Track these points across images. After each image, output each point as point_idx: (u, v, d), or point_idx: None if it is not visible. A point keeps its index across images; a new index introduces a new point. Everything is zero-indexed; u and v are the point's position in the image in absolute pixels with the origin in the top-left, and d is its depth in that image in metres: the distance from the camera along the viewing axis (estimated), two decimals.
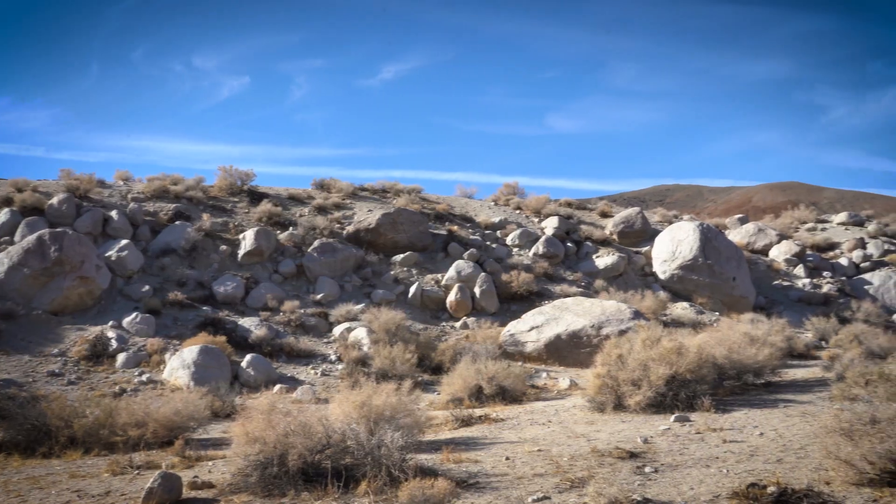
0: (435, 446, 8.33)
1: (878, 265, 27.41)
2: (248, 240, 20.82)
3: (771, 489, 5.80)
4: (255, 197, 24.50)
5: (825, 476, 6.38)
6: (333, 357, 16.41)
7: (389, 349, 14.61)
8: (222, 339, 15.32)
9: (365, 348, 15.96)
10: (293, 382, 14.79)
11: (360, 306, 18.86)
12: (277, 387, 14.04)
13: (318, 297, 19.51)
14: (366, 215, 23.65)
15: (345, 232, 22.69)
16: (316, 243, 21.28)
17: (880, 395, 6.90)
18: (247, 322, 17.38)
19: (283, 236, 21.76)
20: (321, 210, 24.30)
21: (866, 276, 26.42)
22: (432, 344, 16.77)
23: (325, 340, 17.59)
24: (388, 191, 27.83)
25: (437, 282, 21.04)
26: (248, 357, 14.98)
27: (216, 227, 21.54)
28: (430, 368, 15.41)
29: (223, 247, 20.77)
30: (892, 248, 29.32)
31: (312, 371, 15.60)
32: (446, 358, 15.35)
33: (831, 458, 6.36)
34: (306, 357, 16.47)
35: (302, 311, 18.55)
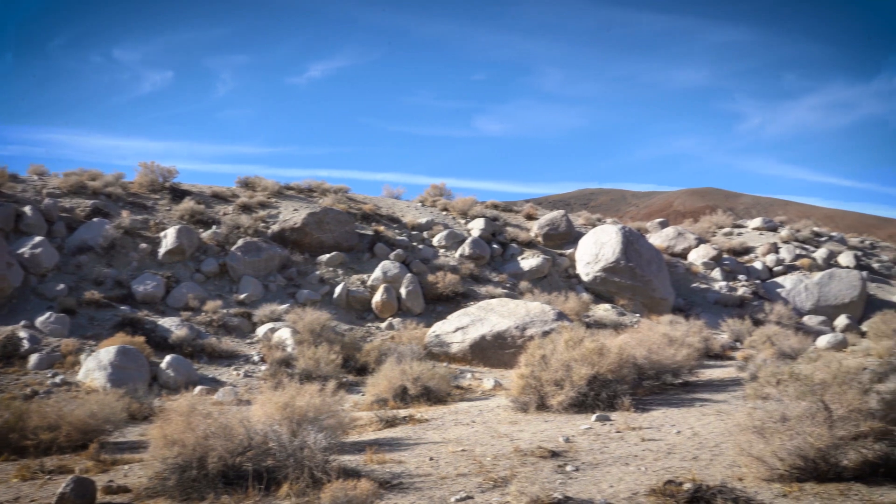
0: (359, 447, 8.30)
1: (790, 269, 28.48)
2: (169, 238, 20.32)
3: (687, 486, 5.96)
4: (178, 194, 23.93)
5: (738, 472, 6.59)
6: (256, 358, 16.16)
7: (314, 350, 14.48)
8: (141, 339, 14.91)
9: (289, 349, 15.77)
10: (215, 384, 14.51)
11: (284, 306, 18.64)
12: (198, 388, 13.76)
13: (242, 297, 19.20)
14: (291, 214, 23.39)
15: (270, 231, 22.39)
16: (240, 242, 20.92)
17: (790, 394, 7.14)
18: (167, 322, 16.98)
19: (205, 235, 21.33)
20: (246, 209, 23.91)
21: (779, 279, 27.39)
22: (357, 345, 16.68)
23: (249, 341, 17.32)
24: (314, 190, 27.55)
25: (363, 282, 20.94)
26: (168, 358, 14.62)
27: (136, 225, 20.96)
28: (355, 369, 15.33)
29: (143, 245, 20.23)
30: (803, 252, 30.48)
31: (235, 372, 15.34)
32: (371, 359, 15.29)
33: (744, 455, 6.57)
34: (229, 358, 16.18)
35: (225, 311, 18.22)
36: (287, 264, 21.32)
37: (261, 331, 17.46)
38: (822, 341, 18.37)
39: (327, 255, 21.75)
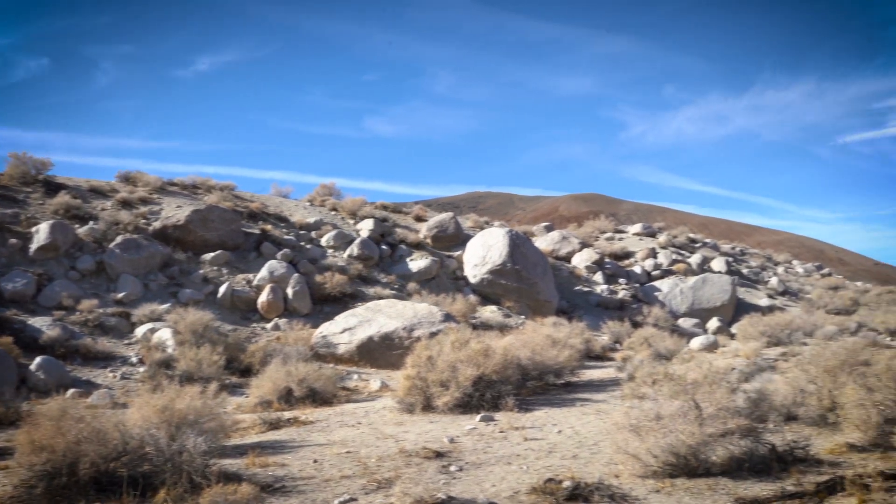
0: (241, 451, 8.13)
1: (666, 273, 29.69)
2: (41, 233, 19.31)
3: (566, 483, 6.13)
4: (52, 188, 22.75)
5: (615, 470, 6.82)
6: (135, 359, 15.57)
7: (196, 351, 14.06)
8: (8, 339, 14.11)
9: (169, 350, 15.27)
10: (89, 386, 13.89)
11: (165, 306, 18.03)
12: (71, 391, 13.13)
13: (120, 296, 18.46)
14: (174, 211, 22.67)
15: (151, 228, 21.62)
16: (119, 239, 20.10)
17: (665, 393, 7.45)
18: (38, 322, 16.12)
19: (82, 231, 20.39)
20: (126, 204, 22.99)
21: (656, 283, 28.51)
22: (242, 345, 16.31)
23: (127, 342, 16.66)
24: (199, 187, 26.79)
25: (249, 282, 20.51)
26: (39, 359, 13.89)
27: (5, 219, 19.81)
28: (239, 371, 14.99)
29: (12, 240, 19.15)
30: (679, 258, 31.85)
31: (111, 374, 14.73)
32: (256, 360, 14.99)
33: (621, 453, 6.81)
34: (105, 359, 15.52)
35: (101, 310, 17.46)
36: (169, 263, 20.65)
37: (140, 331, 16.84)
38: (696, 343, 19.17)
39: (212, 254, 21.19)
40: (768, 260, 40.24)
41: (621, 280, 28.40)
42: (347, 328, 16.93)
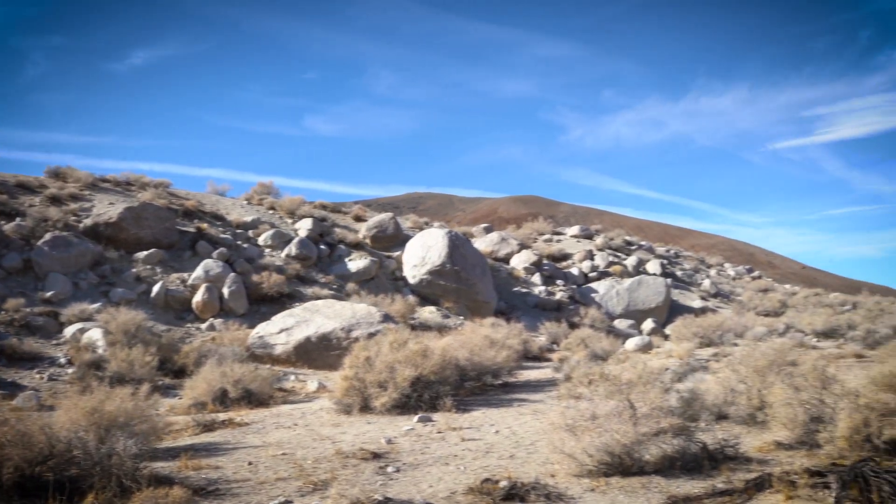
0: (174, 453, 7.96)
1: (603, 275, 30.12)
2: None
3: (503, 483, 6.16)
4: None
5: (551, 469, 6.88)
6: (63, 360, 15.12)
7: (128, 351, 13.72)
8: None
9: (100, 350, 14.87)
10: (14, 388, 13.42)
11: (96, 306, 17.56)
12: None
13: (48, 294, 17.91)
14: (107, 208, 22.11)
15: (82, 225, 21.04)
16: (47, 236, 19.51)
17: (600, 393, 7.55)
18: None
19: (8, 227, 19.73)
20: (55, 200, 22.33)
21: (593, 284, 28.90)
22: (176, 346, 15.98)
23: (55, 342, 16.17)
24: (132, 183, 26.19)
25: (184, 281, 20.12)
26: None
27: None
28: (173, 371, 14.68)
29: None
30: (616, 260, 32.35)
31: (38, 376, 14.27)
32: (190, 360, 14.69)
33: (557, 453, 6.88)
34: (31, 360, 15.02)
35: (28, 309, 16.91)
36: (100, 261, 20.12)
37: (69, 331, 16.36)
38: (631, 343, 19.50)
39: (145, 253, 20.72)
40: (701, 263, 41.17)
41: (559, 281, 28.70)
42: (285, 328, 16.73)
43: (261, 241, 24.13)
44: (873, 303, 33.62)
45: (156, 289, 19.31)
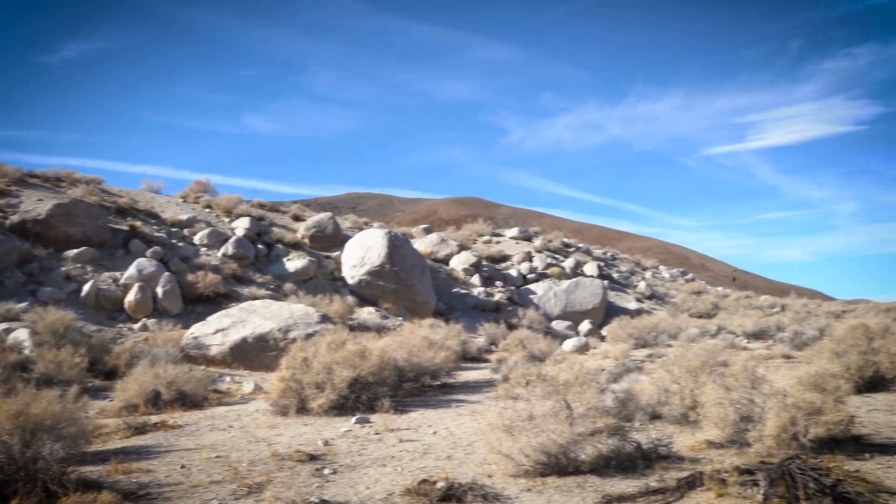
0: (103, 457, 7.75)
1: (541, 277, 30.41)
2: None
3: (440, 484, 6.15)
4: None
5: (488, 469, 6.90)
6: None
7: (56, 352, 13.30)
8: None
9: (26, 351, 14.39)
10: None
11: (22, 305, 17.01)
12: None
13: None
14: (35, 205, 21.44)
15: (8, 222, 20.37)
16: None
17: (538, 394, 7.60)
18: None
19: None
20: None
21: (532, 286, 29.16)
22: (107, 347, 15.58)
23: None
24: (63, 180, 25.44)
25: (116, 280, 19.63)
26: None
27: None
28: (103, 373, 14.30)
29: None
30: (554, 262, 32.69)
31: None
32: (122, 362, 14.34)
33: (494, 453, 6.90)
34: None
35: None
36: (27, 259, 19.50)
37: None
38: (568, 344, 19.72)
39: (75, 251, 20.16)
40: (637, 265, 41.91)
41: (498, 283, 28.88)
42: (220, 329, 16.46)
43: (196, 240, 23.70)
44: (801, 305, 34.73)
45: (86, 288, 18.80)
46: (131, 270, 19.78)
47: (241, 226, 25.25)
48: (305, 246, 26.16)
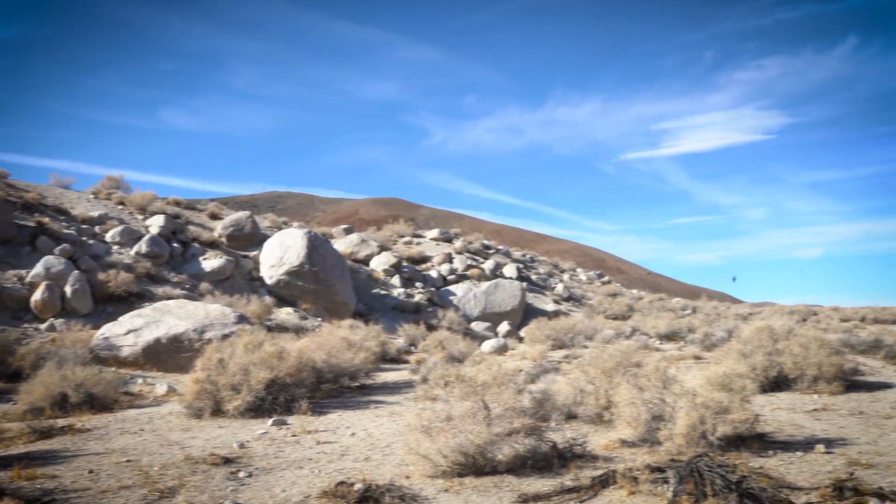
0: (5, 462, 7.44)
1: (461, 278, 30.60)
2: None
3: (357, 486, 6.12)
4: None
5: (406, 471, 6.92)
6: None
7: None
8: None
9: None
10: None
11: None
12: None
13: None
14: None
15: None
16: None
17: (456, 394, 7.67)
18: None
19: None
20: None
21: (452, 287, 29.30)
22: (10, 347, 14.95)
23: None
24: None
25: (21, 279, 18.87)
26: None
27: None
28: (7, 375, 13.71)
29: None
30: (474, 263, 32.92)
31: None
32: (27, 363, 13.78)
33: (412, 454, 6.92)
34: None
35: None
36: None
37: None
38: (487, 346, 19.88)
39: None
40: (555, 267, 42.59)
41: (418, 284, 28.92)
42: (133, 329, 15.99)
43: (108, 237, 22.99)
44: (711, 308, 35.88)
45: None
46: (38, 268, 19.05)
47: (155, 224, 24.59)
48: (223, 245, 25.68)
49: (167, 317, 16.27)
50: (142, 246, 22.64)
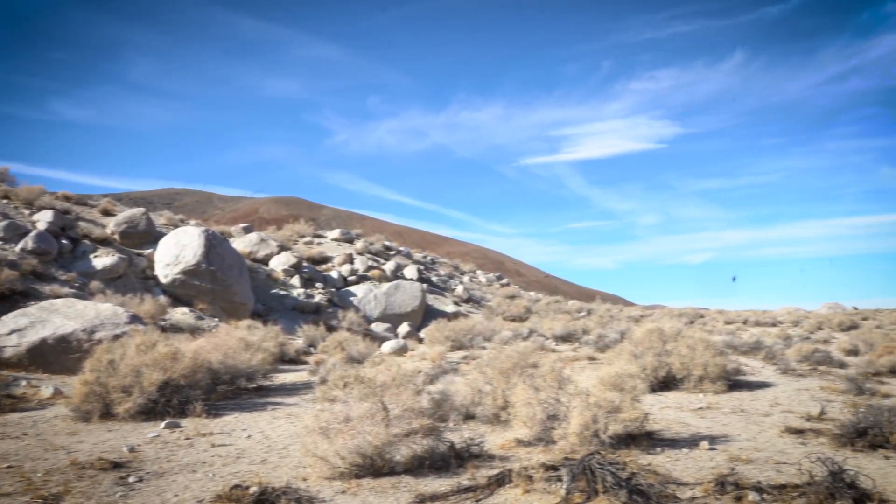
0: None
1: (362, 279, 30.53)
2: None
3: (253, 489, 6.05)
4: None
5: (304, 473, 6.87)
6: None
7: None
8: None
9: None
10: None
11: None
12: None
13: None
14: None
15: None
16: None
17: (355, 395, 7.67)
18: None
19: None
20: None
21: (352, 288, 29.19)
22: None
23: None
24: None
25: None
26: None
27: None
28: None
29: None
30: (375, 264, 32.89)
31: None
32: None
33: (310, 456, 6.89)
34: None
35: None
36: None
37: None
38: (387, 346, 19.90)
39: None
40: (456, 269, 42.98)
41: (318, 284, 28.68)
42: (16, 329, 15.28)
43: None
44: (605, 310, 36.95)
45: None
46: None
47: (43, 219, 23.54)
48: (115, 242, 24.81)
49: (54, 316, 15.62)
50: (28, 242, 21.64)
